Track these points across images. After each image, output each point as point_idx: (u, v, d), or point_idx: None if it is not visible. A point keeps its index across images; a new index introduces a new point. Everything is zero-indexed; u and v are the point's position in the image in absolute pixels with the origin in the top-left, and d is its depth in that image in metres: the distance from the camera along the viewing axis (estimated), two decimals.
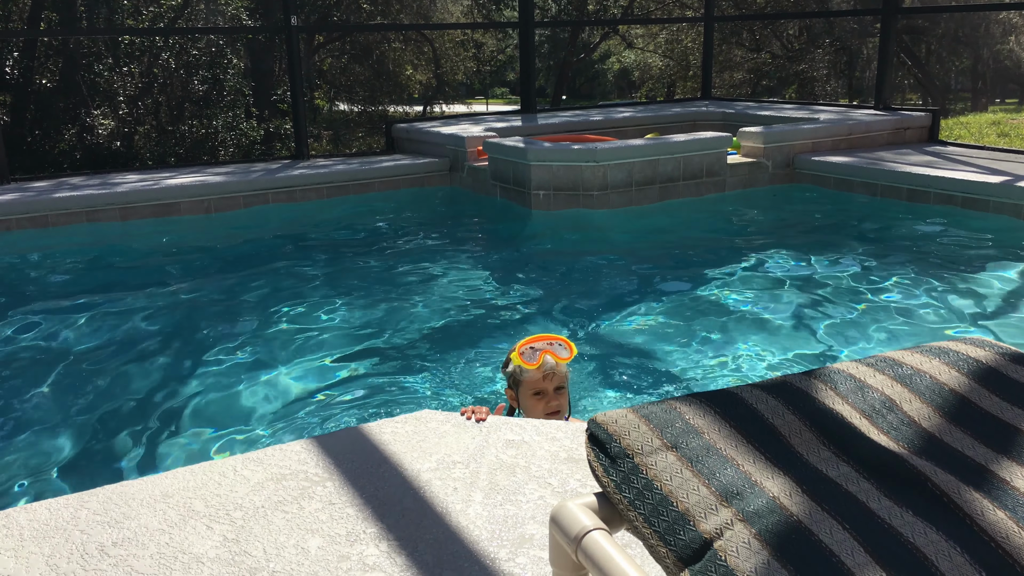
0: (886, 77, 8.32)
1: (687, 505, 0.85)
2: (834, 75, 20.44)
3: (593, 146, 6.21)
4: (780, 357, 3.88)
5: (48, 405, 3.53)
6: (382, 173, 7.08)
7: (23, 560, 1.75)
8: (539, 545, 1.77)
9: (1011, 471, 0.88)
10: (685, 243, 5.86)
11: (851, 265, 5.13)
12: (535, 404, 2.76)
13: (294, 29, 7.60)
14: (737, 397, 0.99)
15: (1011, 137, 13.39)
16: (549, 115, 8.84)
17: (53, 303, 4.77)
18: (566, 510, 0.90)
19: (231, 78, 13.79)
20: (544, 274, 5.33)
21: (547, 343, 2.80)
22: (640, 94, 28.00)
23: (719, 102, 9.85)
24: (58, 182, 6.74)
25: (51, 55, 12.89)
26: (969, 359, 1.07)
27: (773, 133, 6.93)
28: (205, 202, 6.45)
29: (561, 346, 2.80)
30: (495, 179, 6.62)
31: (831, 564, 0.77)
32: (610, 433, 0.94)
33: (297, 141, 7.81)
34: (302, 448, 2.17)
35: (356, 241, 6.10)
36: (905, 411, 0.99)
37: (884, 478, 0.87)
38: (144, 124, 13.55)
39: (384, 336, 4.21)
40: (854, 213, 6.34)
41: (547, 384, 2.75)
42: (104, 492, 1.99)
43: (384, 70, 19.28)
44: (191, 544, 1.79)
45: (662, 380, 3.69)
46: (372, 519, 1.86)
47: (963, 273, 4.88)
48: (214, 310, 4.63)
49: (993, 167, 6.43)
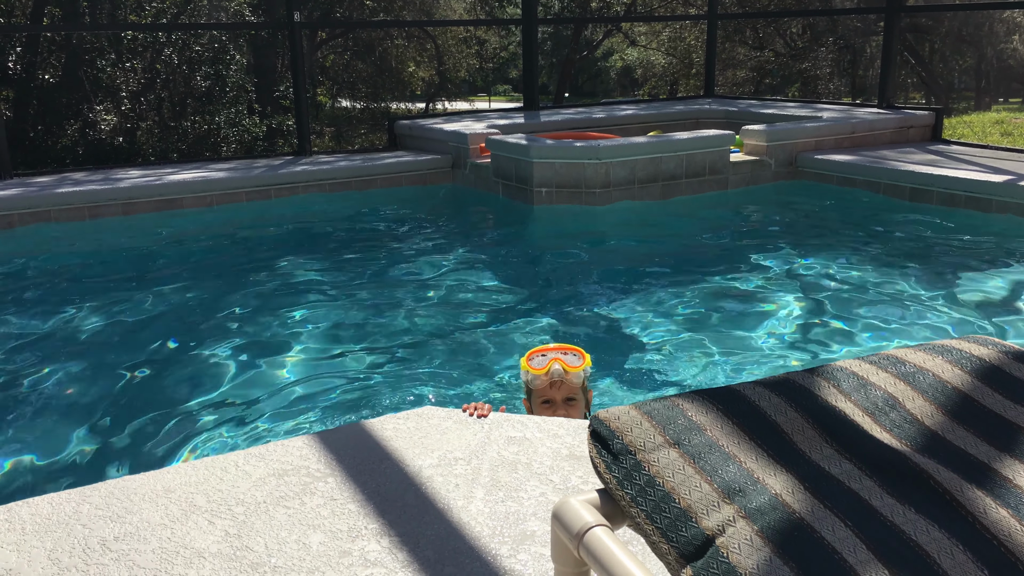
0: (889, 75, 8.31)
1: (689, 502, 0.85)
2: (837, 73, 20.42)
3: (596, 143, 6.21)
4: (782, 354, 3.88)
5: (49, 400, 3.53)
6: (385, 170, 7.08)
7: (25, 554, 1.75)
8: (541, 542, 1.77)
9: (1014, 469, 0.88)
10: (688, 241, 5.85)
11: (854, 263, 5.13)
12: (542, 413, 2.67)
13: (297, 25, 7.59)
14: (739, 394, 0.99)
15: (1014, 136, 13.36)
16: (552, 112, 8.83)
17: (55, 298, 4.78)
18: (568, 506, 0.90)
19: (234, 74, 13.79)
20: (546, 271, 5.32)
21: (560, 352, 2.71)
22: (643, 92, 27.97)
23: (722, 100, 9.84)
24: (60, 177, 6.75)
25: (54, 50, 12.90)
26: (972, 357, 1.07)
27: (776, 131, 6.92)
28: (207, 198, 6.45)
29: (574, 356, 2.70)
30: (498, 176, 6.62)
31: (833, 561, 0.77)
32: (612, 429, 0.94)
33: (299, 137, 7.82)
34: (304, 444, 2.18)
35: (358, 237, 6.10)
36: (908, 409, 0.99)
37: (886, 476, 0.87)
38: (147, 120, 13.55)
39: (386, 332, 4.21)
40: (857, 211, 6.33)
41: (555, 393, 2.66)
42: (106, 487, 2.00)
43: (387, 67, 19.28)
44: (193, 539, 1.79)
45: (664, 377, 3.69)
46: (374, 515, 1.86)
47: (966, 272, 4.87)
48: (216, 306, 4.63)
49: (996, 166, 6.42)
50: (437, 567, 1.69)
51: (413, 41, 20.32)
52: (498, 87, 39.08)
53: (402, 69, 19.89)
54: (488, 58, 26.00)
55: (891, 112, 7.91)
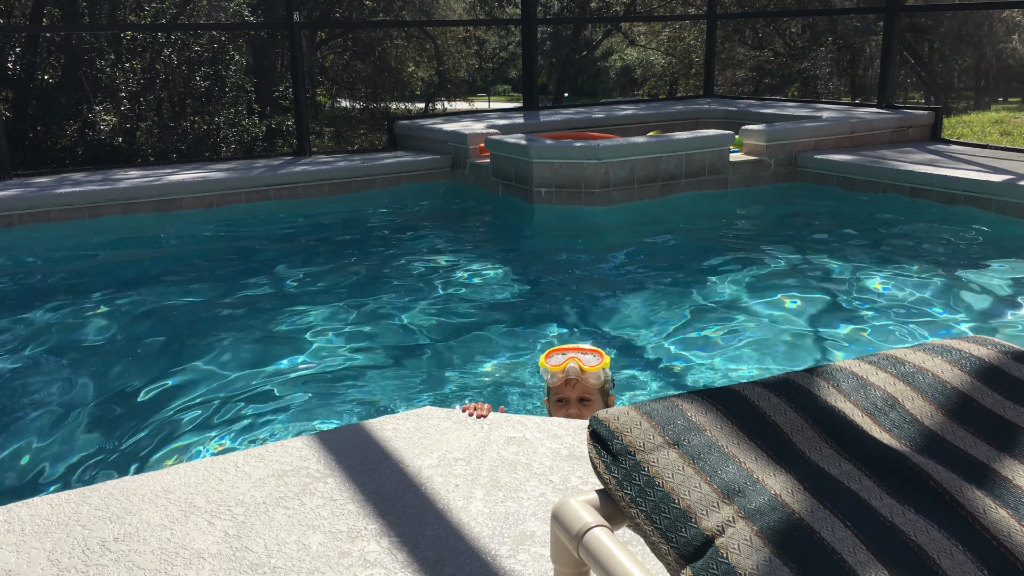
0: (889, 75, 8.31)
1: (689, 502, 0.85)
2: (837, 73, 20.42)
3: (595, 143, 6.21)
4: (781, 355, 3.88)
5: (49, 401, 3.53)
6: (384, 170, 7.08)
7: (24, 555, 1.75)
8: (540, 542, 1.77)
9: (1013, 469, 0.88)
10: (687, 241, 5.86)
11: (853, 263, 5.13)
12: (557, 411, 2.67)
13: (296, 25, 7.60)
14: (739, 394, 0.99)
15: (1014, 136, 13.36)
16: (551, 112, 8.83)
17: (54, 299, 4.78)
18: (568, 507, 0.90)
19: (233, 74, 13.79)
20: (546, 271, 5.33)
21: (579, 352, 2.71)
22: (642, 92, 27.98)
23: (722, 100, 9.84)
24: (60, 178, 6.74)
25: (53, 51, 12.89)
26: (971, 357, 1.07)
27: (776, 131, 6.92)
28: (207, 198, 6.45)
29: (592, 356, 2.70)
30: (497, 176, 6.62)
31: (833, 562, 0.77)
32: (612, 430, 0.94)
33: (299, 138, 7.82)
34: (303, 444, 2.17)
35: (358, 238, 6.10)
36: (907, 409, 0.99)
37: (886, 476, 0.87)
38: (146, 120, 13.55)
39: (385, 332, 4.21)
40: (856, 211, 6.33)
41: (569, 391, 2.66)
42: (105, 488, 2.00)
43: (386, 67, 19.28)
44: (192, 540, 1.79)
45: (663, 377, 3.69)
46: (373, 515, 1.86)
47: (965, 271, 4.87)
48: (216, 307, 4.63)
49: (996, 166, 6.42)
50: (437, 567, 1.69)
51: (412, 41, 20.32)
52: (498, 87, 39.08)
53: (401, 69, 19.89)
54: (487, 58, 26.00)
55: (890, 112, 7.92)
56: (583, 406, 2.67)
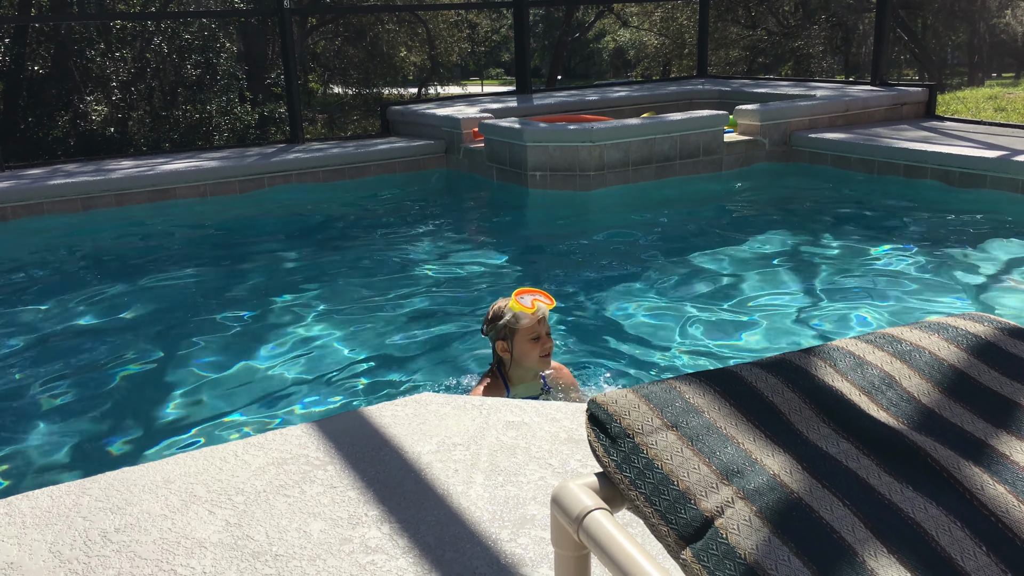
0: (882, 53, 8.28)
1: (688, 484, 0.85)
2: (830, 51, 20.35)
3: (589, 126, 6.19)
4: (778, 335, 3.89)
5: (47, 392, 3.53)
6: (378, 156, 7.06)
7: (26, 547, 1.75)
8: (540, 525, 1.77)
9: (1010, 445, 0.89)
10: (682, 222, 5.85)
11: (849, 242, 5.13)
12: (531, 348, 2.97)
13: (286, 11, 7.55)
14: (736, 376, 0.99)
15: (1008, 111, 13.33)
16: (544, 96, 8.80)
17: (50, 290, 4.77)
18: (567, 490, 0.91)
19: (224, 62, 13.69)
20: (541, 254, 5.32)
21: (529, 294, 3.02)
22: (636, 73, 27.85)
23: (715, 80, 9.81)
24: (52, 169, 6.71)
25: (43, 41, 12.79)
26: (968, 334, 1.07)
27: (770, 110, 6.90)
28: (200, 187, 6.43)
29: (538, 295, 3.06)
30: (491, 160, 6.60)
31: (832, 540, 0.77)
32: (610, 413, 0.95)
33: (292, 125, 7.78)
34: (303, 432, 2.18)
35: (353, 224, 6.09)
36: (904, 387, 0.99)
37: (884, 454, 0.87)
38: (138, 110, 13.47)
39: (382, 318, 4.21)
40: (851, 189, 6.33)
41: (542, 328, 2.98)
42: (106, 478, 2.00)
43: (378, 52, 19.15)
44: (193, 529, 1.79)
45: (660, 360, 3.70)
46: (373, 502, 1.87)
47: (961, 248, 4.88)
48: (212, 296, 4.62)
49: (990, 142, 6.41)
50: (437, 552, 1.70)
51: (404, 26, 20.18)
52: (490, 71, 38.89)
53: (394, 54, 19.76)
54: (480, 42, 25.86)
55: (884, 89, 7.90)
56: (549, 338, 3.03)
